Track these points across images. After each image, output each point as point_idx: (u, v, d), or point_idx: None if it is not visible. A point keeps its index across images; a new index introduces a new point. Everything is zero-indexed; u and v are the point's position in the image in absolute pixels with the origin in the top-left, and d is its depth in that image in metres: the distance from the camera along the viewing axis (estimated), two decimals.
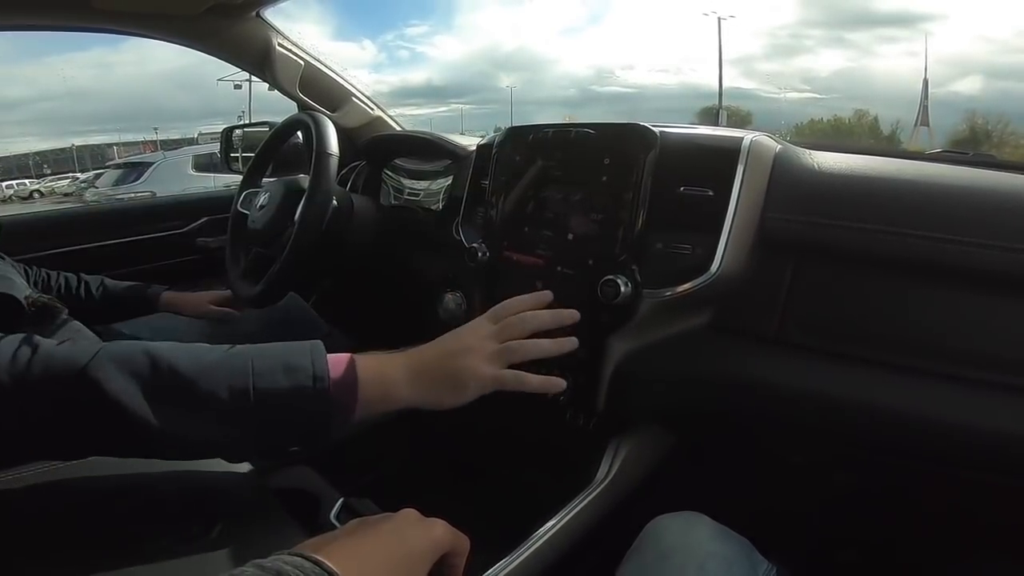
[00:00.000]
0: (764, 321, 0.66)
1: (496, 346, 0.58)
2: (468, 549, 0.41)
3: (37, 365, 0.44)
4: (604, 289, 0.67)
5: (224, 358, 0.47)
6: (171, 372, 0.45)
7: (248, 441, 0.48)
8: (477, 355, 0.56)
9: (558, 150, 0.78)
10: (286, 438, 0.49)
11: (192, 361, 0.46)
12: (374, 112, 1.46)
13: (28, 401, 0.43)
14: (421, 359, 0.56)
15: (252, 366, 0.47)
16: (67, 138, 41.11)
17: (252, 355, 0.48)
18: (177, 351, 0.47)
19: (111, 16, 1.16)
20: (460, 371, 0.55)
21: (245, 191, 1.16)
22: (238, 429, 0.47)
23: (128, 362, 0.45)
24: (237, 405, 0.45)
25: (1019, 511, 0.64)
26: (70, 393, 0.43)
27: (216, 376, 0.46)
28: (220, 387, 0.45)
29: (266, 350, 0.49)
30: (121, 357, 0.45)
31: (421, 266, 1.14)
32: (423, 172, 1.25)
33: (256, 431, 0.47)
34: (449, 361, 0.56)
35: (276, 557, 0.32)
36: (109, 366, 0.44)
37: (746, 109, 48.65)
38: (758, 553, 0.55)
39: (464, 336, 0.58)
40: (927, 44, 56.02)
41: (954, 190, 0.62)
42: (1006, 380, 0.55)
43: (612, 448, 0.75)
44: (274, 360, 0.48)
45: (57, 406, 0.44)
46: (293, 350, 0.49)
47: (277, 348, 0.49)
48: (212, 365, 0.46)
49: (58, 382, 0.43)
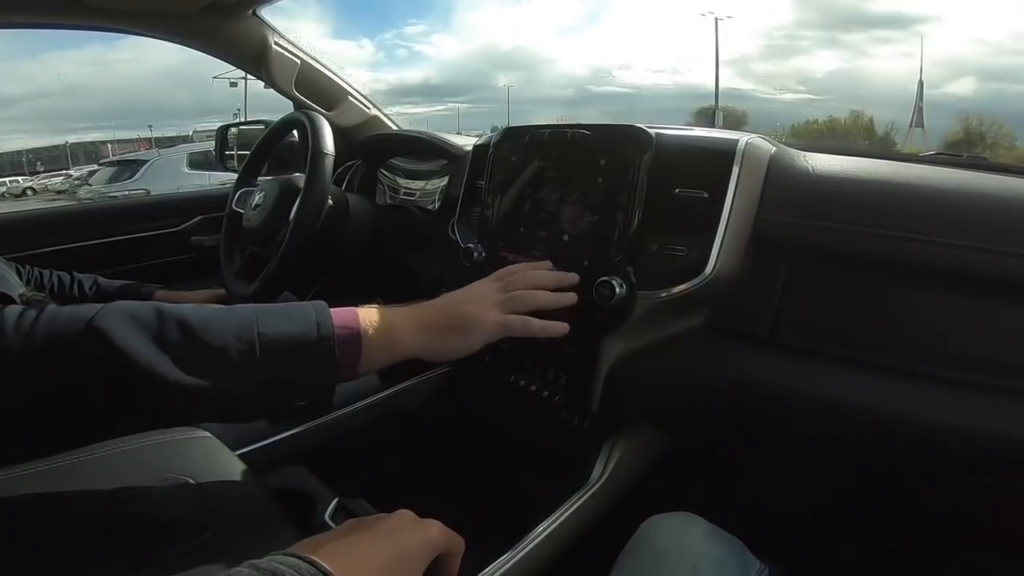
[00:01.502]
0: (758, 323, 0.66)
1: (500, 295, 0.60)
2: (463, 549, 0.42)
3: (43, 324, 0.42)
4: (599, 290, 0.67)
5: (229, 311, 0.47)
6: (178, 323, 0.44)
7: (256, 395, 0.47)
8: (482, 302, 0.59)
9: (554, 151, 0.78)
10: (293, 391, 0.48)
11: (198, 314, 0.46)
12: (370, 111, 1.46)
13: (37, 362, 0.42)
14: (426, 310, 0.57)
15: (257, 317, 0.47)
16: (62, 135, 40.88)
17: (256, 310, 0.48)
18: (184, 306, 0.47)
19: (107, 14, 1.15)
20: (466, 317, 0.57)
21: (240, 190, 1.16)
22: (245, 381, 0.46)
23: (135, 315, 0.44)
24: (244, 354, 0.45)
25: (1009, 512, 0.64)
26: (78, 349, 0.42)
27: (222, 327, 0.45)
28: (227, 337, 0.45)
29: (270, 307, 0.49)
30: (127, 310, 0.44)
31: (417, 266, 1.14)
32: (419, 172, 1.25)
33: (263, 383, 0.47)
34: (455, 309, 0.58)
35: (271, 557, 0.33)
36: (116, 318, 0.43)
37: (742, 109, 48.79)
38: (750, 553, 0.55)
39: (471, 290, 0.62)
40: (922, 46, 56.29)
41: (948, 193, 0.63)
42: (997, 383, 0.55)
43: (606, 449, 0.75)
44: (278, 313, 0.48)
45: (65, 363, 0.42)
46: (295, 305, 0.50)
47: (280, 305, 0.50)
48: (218, 317, 0.46)
49: (65, 338, 0.42)
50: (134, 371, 0.42)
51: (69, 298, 1.04)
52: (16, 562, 0.47)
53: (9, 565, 0.46)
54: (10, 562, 0.46)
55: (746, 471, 0.84)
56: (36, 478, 0.57)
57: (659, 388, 0.73)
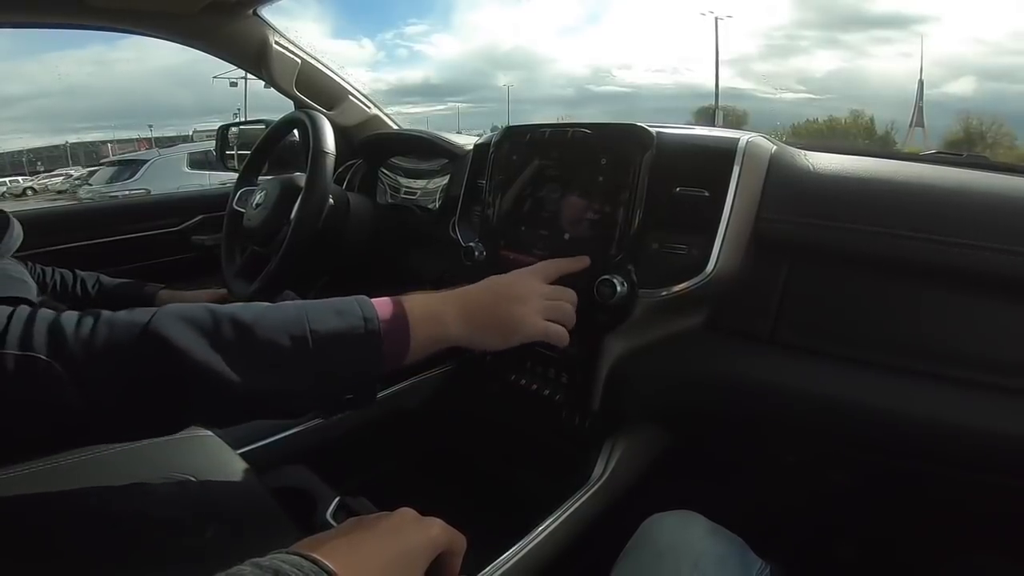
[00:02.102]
0: (759, 321, 0.66)
1: (546, 301, 0.61)
2: (465, 548, 0.42)
3: (101, 332, 0.43)
4: (600, 289, 0.67)
5: (277, 308, 0.48)
6: (232, 322, 0.45)
7: (308, 391, 0.48)
8: (529, 305, 0.59)
9: (555, 150, 0.78)
10: (342, 384, 0.49)
11: (250, 312, 0.46)
12: (371, 110, 1.46)
13: (100, 368, 0.42)
14: (473, 300, 0.57)
15: (307, 314, 0.47)
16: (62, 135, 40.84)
17: (304, 306, 0.49)
18: (233, 306, 0.47)
19: (108, 14, 1.15)
20: (512, 318, 0.57)
21: (241, 189, 1.16)
22: (300, 377, 0.47)
23: (189, 317, 0.45)
24: (297, 350, 0.46)
25: (1010, 510, 0.64)
26: (138, 353, 0.43)
27: (275, 324, 0.46)
28: (280, 334, 0.46)
29: (316, 303, 0.49)
30: (181, 313, 0.45)
31: (417, 265, 1.14)
32: (420, 171, 1.25)
33: (315, 378, 0.47)
34: (503, 306, 0.58)
35: (273, 556, 0.33)
36: (172, 321, 0.44)
37: (742, 109, 48.81)
38: (751, 551, 0.55)
39: (517, 286, 0.60)
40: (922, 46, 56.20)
41: (948, 192, 0.63)
42: (998, 381, 0.55)
43: (607, 447, 0.75)
44: (325, 308, 0.49)
45: (127, 368, 0.43)
46: (340, 300, 0.50)
47: (325, 301, 0.50)
48: (267, 314, 0.47)
49: (125, 344, 0.43)
50: (192, 371, 0.43)
51: (71, 296, 1.04)
52: (17, 560, 0.47)
53: (10, 564, 0.46)
54: (11, 561, 0.46)
55: (747, 470, 0.84)
56: (37, 477, 0.57)
57: (660, 387, 0.73)
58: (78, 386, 0.42)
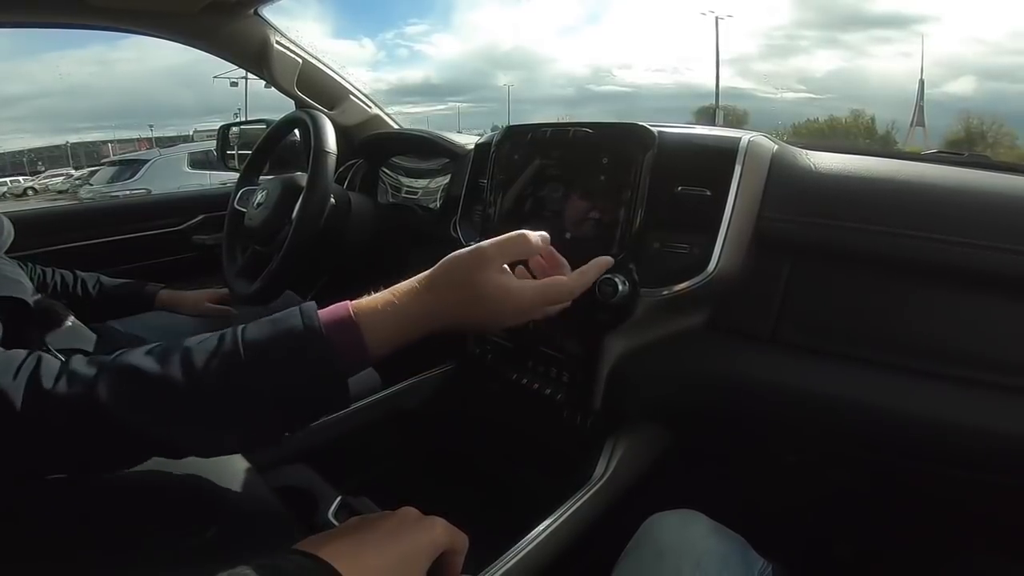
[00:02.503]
0: (760, 320, 0.66)
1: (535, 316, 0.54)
2: (466, 547, 0.42)
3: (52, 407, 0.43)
4: (602, 288, 0.67)
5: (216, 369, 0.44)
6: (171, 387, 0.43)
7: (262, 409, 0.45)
8: (518, 318, 0.52)
9: (556, 149, 0.78)
10: (300, 389, 0.45)
11: (187, 371, 0.44)
12: (371, 110, 1.46)
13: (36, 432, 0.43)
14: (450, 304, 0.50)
15: (240, 331, 0.45)
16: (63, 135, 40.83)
17: (243, 347, 0.45)
18: (171, 359, 0.44)
19: (109, 13, 1.16)
20: (493, 325, 0.53)
21: (242, 189, 1.16)
22: (256, 424, 0.46)
23: (131, 396, 0.44)
24: (228, 364, 0.44)
25: (1010, 510, 0.64)
26: (87, 430, 0.43)
27: (203, 355, 0.44)
28: (210, 361, 0.44)
29: (253, 342, 0.45)
30: (122, 391, 0.44)
31: (419, 264, 1.13)
32: (421, 170, 1.25)
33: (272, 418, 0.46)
34: (489, 318, 0.52)
35: (276, 555, 0.33)
36: (116, 401, 0.43)
37: (743, 109, 48.80)
38: (753, 550, 0.55)
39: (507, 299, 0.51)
40: (923, 45, 56.11)
41: (949, 191, 0.63)
42: (1000, 380, 0.55)
43: (609, 446, 0.75)
44: (260, 323, 0.46)
45: (72, 437, 0.44)
46: (278, 329, 0.46)
47: (262, 331, 0.46)
48: (207, 375, 0.44)
49: (73, 421, 0.43)
50: (138, 440, 0.44)
51: (72, 297, 1.04)
52: (17, 559, 0.47)
53: (10, 562, 0.46)
54: (11, 559, 0.46)
55: (748, 469, 0.84)
56: None
57: (661, 386, 0.73)
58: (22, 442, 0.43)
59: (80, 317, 0.90)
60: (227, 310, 1.12)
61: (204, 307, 1.11)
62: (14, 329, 0.73)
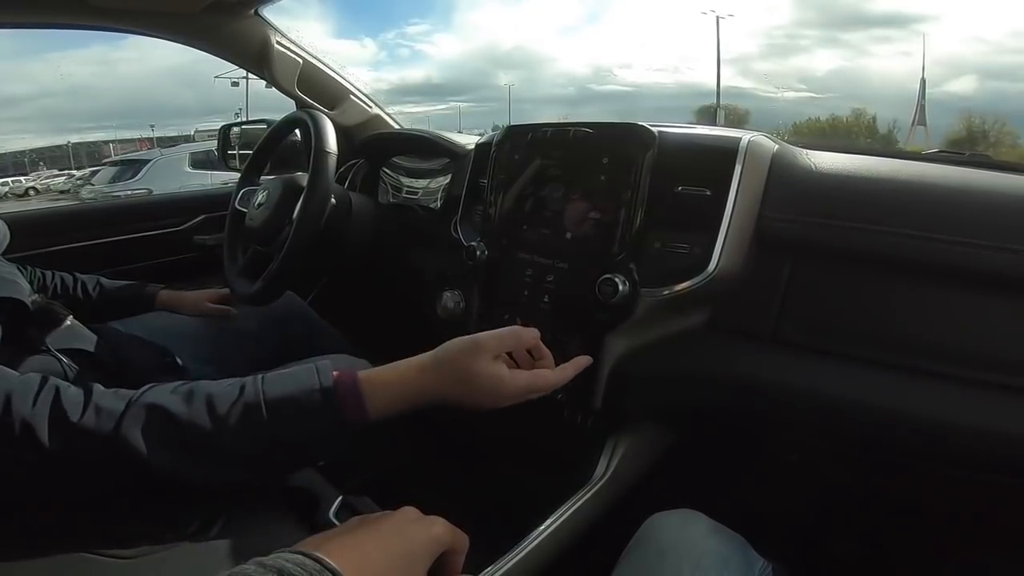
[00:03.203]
0: (761, 320, 0.66)
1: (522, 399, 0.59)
2: (467, 547, 0.42)
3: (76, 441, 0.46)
4: (602, 288, 0.67)
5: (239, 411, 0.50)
6: (195, 436, 0.48)
7: (275, 472, 0.55)
8: (507, 401, 0.58)
9: (557, 149, 0.78)
10: (306, 457, 0.55)
11: (210, 421, 0.49)
12: (372, 110, 1.46)
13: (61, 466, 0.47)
14: (447, 385, 0.56)
15: (265, 408, 0.50)
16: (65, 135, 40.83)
17: (263, 394, 0.50)
18: (194, 410, 0.49)
19: (109, 14, 1.15)
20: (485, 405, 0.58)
21: (243, 189, 1.16)
22: (264, 466, 0.52)
23: (155, 431, 0.48)
24: (259, 447, 0.50)
25: (1010, 509, 0.64)
26: (109, 462, 0.47)
27: (235, 430, 0.49)
28: (241, 440, 0.49)
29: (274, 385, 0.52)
30: (148, 426, 0.48)
31: (419, 264, 1.14)
32: (421, 170, 1.25)
33: (279, 463, 0.53)
34: (480, 399, 0.57)
35: (277, 555, 0.33)
36: (138, 436, 0.47)
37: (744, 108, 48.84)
38: (754, 550, 0.55)
39: (500, 385, 0.57)
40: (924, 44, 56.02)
41: (950, 191, 0.63)
42: (1001, 379, 0.55)
43: (610, 446, 0.75)
44: (284, 396, 0.51)
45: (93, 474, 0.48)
46: (297, 383, 0.52)
47: (285, 383, 0.52)
48: (228, 419, 0.49)
49: (95, 454, 0.47)
50: (158, 476, 0.48)
51: (72, 299, 1.04)
52: (18, 557, 0.47)
53: (10, 561, 0.46)
54: (12, 559, 0.46)
55: (749, 468, 0.84)
56: None
57: (662, 386, 0.73)
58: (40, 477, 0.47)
59: (80, 319, 0.90)
60: (228, 310, 1.12)
61: (205, 307, 1.11)
62: (13, 330, 0.73)
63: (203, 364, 0.97)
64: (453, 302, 0.88)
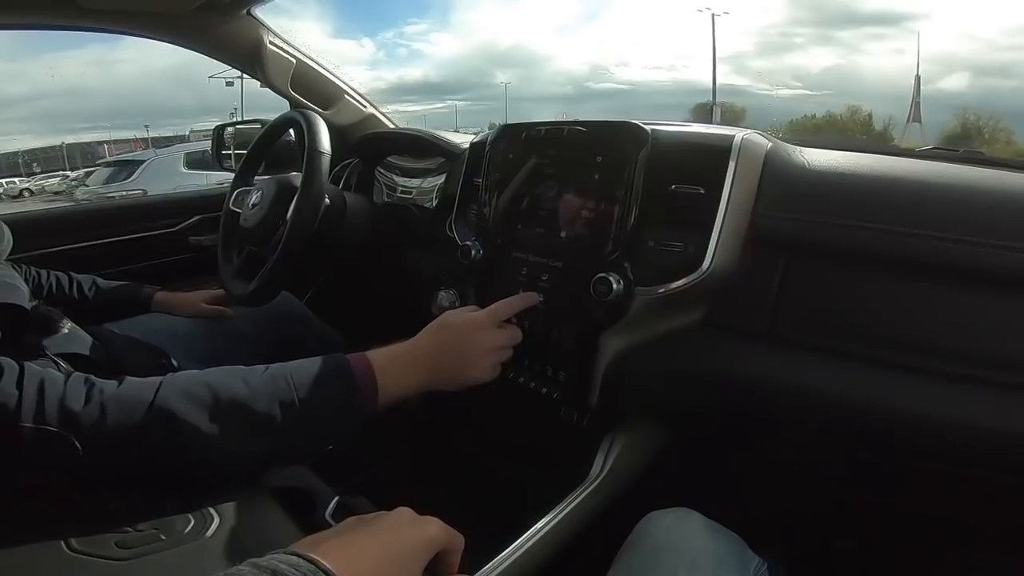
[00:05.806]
0: (755, 318, 0.66)
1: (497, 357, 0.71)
2: (463, 546, 0.42)
3: (111, 407, 0.49)
4: (597, 287, 0.67)
5: (268, 379, 0.56)
6: (230, 399, 0.53)
7: (299, 446, 0.58)
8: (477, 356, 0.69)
9: (551, 148, 0.78)
10: (325, 439, 0.60)
11: (245, 386, 0.54)
12: (366, 109, 1.46)
13: (109, 440, 0.49)
14: (424, 350, 0.66)
15: (292, 381, 0.55)
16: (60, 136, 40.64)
17: (289, 372, 0.57)
18: (227, 378, 0.55)
19: (99, 15, 1.15)
20: (464, 366, 0.68)
21: (237, 189, 1.15)
22: (290, 437, 0.55)
23: (192, 394, 0.52)
24: (288, 416, 0.54)
25: (1007, 507, 0.64)
26: (145, 426, 0.50)
27: (267, 396, 0.54)
28: (272, 405, 0.54)
29: (299, 369, 0.58)
30: (185, 390, 0.52)
31: (414, 264, 1.14)
32: (416, 170, 1.25)
33: (304, 436, 0.56)
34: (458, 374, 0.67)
35: (272, 556, 0.33)
36: (176, 399, 0.51)
37: (740, 105, 48.90)
38: (749, 549, 0.56)
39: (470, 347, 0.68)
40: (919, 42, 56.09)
41: (944, 188, 0.63)
42: (997, 377, 0.55)
43: (605, 445, 0.75)
44: (307, 374, 0.57)
45: (134, 442, 0.50)
46: (319, 366, 0.58)
47: (307, 365, 0.58)
48: (260, 387, 0.55)
49: (133, 419, 0.50)
50: (200, 446, 0.51)
51: (67, 300, 1.04)
52: (9, 557, 0.47)
53: (10, 560, 0.46)
54: (2, 559, 0.46)
55: (745, 466, 0.84)
56: None
57: (657, 384, 0.73)
58: (89, 455, 0.48)
59: (76, 320, 0.90)
60: (223, 311, 1.12)
61: (200, 308, 1.11)
62: (12, 335, 0.73)
63: (199, 365, 0.97)
64: (448, 301, 0.88)
